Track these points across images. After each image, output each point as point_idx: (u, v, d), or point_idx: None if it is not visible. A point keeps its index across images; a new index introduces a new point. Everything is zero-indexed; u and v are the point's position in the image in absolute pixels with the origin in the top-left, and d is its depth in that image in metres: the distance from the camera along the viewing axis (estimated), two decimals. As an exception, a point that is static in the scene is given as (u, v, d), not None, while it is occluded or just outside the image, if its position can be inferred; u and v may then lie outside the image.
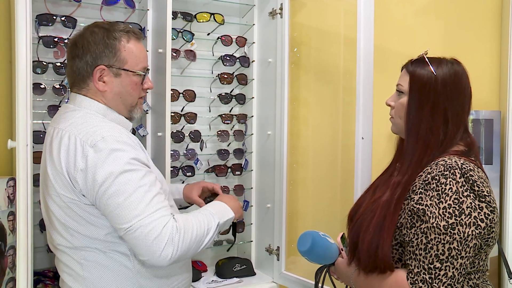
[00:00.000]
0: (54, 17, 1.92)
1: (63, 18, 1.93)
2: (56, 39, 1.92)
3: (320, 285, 1.48)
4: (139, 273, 1.41)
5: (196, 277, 2.18)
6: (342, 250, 1.44)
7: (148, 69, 1.53)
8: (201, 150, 2.31)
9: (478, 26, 2.33)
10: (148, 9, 2.07)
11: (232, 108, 2.40)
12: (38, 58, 1.89)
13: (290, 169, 2.24)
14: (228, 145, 2.39)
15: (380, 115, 1.66)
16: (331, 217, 2.14)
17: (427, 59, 1.35)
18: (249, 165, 2.41)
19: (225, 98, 2.35)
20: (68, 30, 1.95)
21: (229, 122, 2.36)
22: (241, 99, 2.39)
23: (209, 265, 2.34)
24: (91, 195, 1.31)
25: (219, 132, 2.34)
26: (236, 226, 1.78)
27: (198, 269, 2.24)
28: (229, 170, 2.37)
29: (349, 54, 1.93)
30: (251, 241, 2.41)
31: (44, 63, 1.90)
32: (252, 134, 2.41)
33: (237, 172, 2.39)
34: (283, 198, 2.19)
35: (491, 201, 1.21)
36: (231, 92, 2.38)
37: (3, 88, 1.87)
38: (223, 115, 2.35)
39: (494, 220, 1.21)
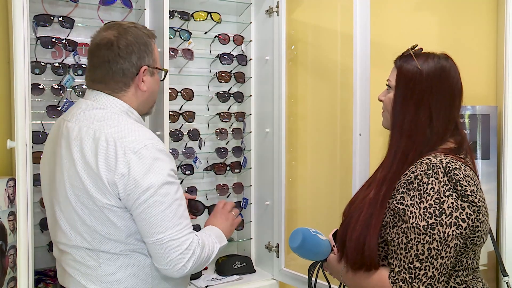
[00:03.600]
0: (52, 18, 1.92)
1: (60, 19, 1.94)
2: (53, 40, 1.92)
3: (313, 279, 1.49)
4: (157, 272, 1.42)
5: (196, 275, 2.19)
6: (334, 247, 1.45)
7: None
8: (200, 148, 2.32)
9: (474, 21, 2.34)
10: (145, 9, 2.08)
11: (230, 106, 2.40)
12: (36, 58, 1.90)
13: (289, 166, 2.25)
14: (226, 143, 2.40)
15: (377, 111, 1.66)
16: (329, 213, 2.15)
17: (413, 54, 1.34)
18: (248, 163, 2.42)
19: (223, 97, 2.35)
20: (66, 31, 1.96)
21: (228, 120, 2.37)
22: (239, 97, 2.40)
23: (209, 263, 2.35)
24: (129, 200, 1.31)
25: (218, 130, 2.35)
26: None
27: (198, 267, 2.25)
28: (228, 168, 2.37)
29: (346, 51, 1.94)
30: (251, 238, 2.42)
31: (42, 64, 1.91)
32: (250, 132, 2.42)
33: (236, 170, 2.40)
34: (282, 195, 2.20)
35: (475, 200, 1.19)
36: (229, 90, 2.38)
37: (2, 89, 1.87)
38: (222, 113, 2.36)
39: (480, 219, 1.20)
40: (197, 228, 1.58)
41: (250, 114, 2.41)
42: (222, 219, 1.63)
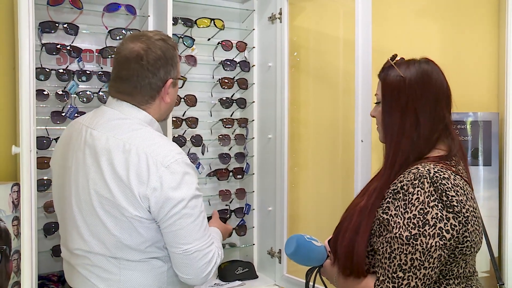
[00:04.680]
0: (57, 25, 1.94)
1: (65, 25, 1.96)
2: (58, 46, 1.94)
3: (311, 283, 1.49)
4: (172, 278, 1.45)
5: (198, 280, 2.19)
6: (331, 252, 1.46)
7: None
8: (203, 154, 2.33)
9: (476, 28, 2.35)
10: (149, 16, 2.09)
11: (233, 112, 2.42)
12: (41, 64, 1.91)
13: (291, 172, 2.25)
14: (229, 149, 2.41)
15: (379, 117, 1.68)
16: (331, 219, 2.15)
17: (393, 64, 1.34)
18: (251, 169, 2.43)
19: (226, 103, 2.37)
20: (70, 37, 1.97)
21: (230, 126, 2.38)
22: (242, 103, 2.41)
23: (211, 268, 2.35)
24: (160, 213, 1.34)
25: (221, 136, 2.35)
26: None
27: (200, 272, 2.26)
28: (231, 173, 2.38)
29: (348, 57, 1.95)
30: (253, 244, 2.42)
31: (47, 70, 1.93)
32: (253, 138, 2.43)
33: (238, 176, 2.40)
34: (284, 201, 2.21)
35: (463, 211, 1.18)
36: (232, 96, 2.40)
37: (7, 94, 1.89)
38: (224, 120, 2.37)
39: (468, 230, 1.18)
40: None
41: (253, 120, 2.42)
42: (220, 224, 1.75)
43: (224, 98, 2.36)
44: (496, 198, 2.11)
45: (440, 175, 1.20)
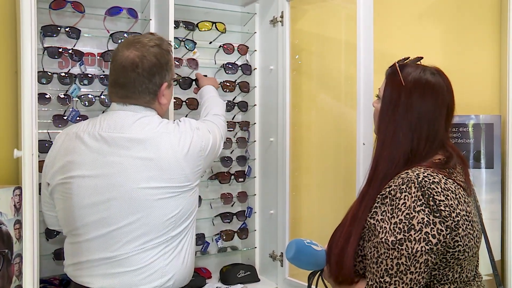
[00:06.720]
0: (59, 28, 1.95)
1: (67, 29, 1.96)
2: (60, 50, 1.94)
3: (313, 287, 1.49)
4: (190, 258, 1.60)
5: (200, 284, 2.19)
6: None
7: None
8: (204, 157, 2.32)
9: (478, 31, 2.35)
10: (150, 19, 2.10)
11: (234, 115, 2.42)
12: (43, 68, 1.92)
13: (293, 175, 2.25)
14: (231, 152, 2.41)
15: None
16: (334, 223, 2.15)
17: (397, 67, 1.31)
18: (252, 172, 2.43)
19: (227, 106, 2.36)
20: (72, 41, 1.98)
21: (232, 129, 2.38)
22: (244, 106, 2.41)
23: (213, 272, 2.35)
24: (209, 158, 1.62)
25: (222, 139, 2.35)
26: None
27: (202, 276, 2.25)
28: (233, 177, 2.38)
29: (349, 60, 1.96)
30: (255, 247, 2.42)
31: (49, 73, 1.93)
32: (255, 141, 2.42)
33: (240, 179, 2.40)
34: (286, 204, 2.20)
35: (452, 215, 1.16)
36: (233, 99, 2.40)
37: (10, 98, 1.89)
38: (226, 123, 2.36)
39: (459, 234, 1.17)
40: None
41: (255, 123, 2.42)
42: (210, 80, 2.07)
43: (226, 101, 2.36)
44: (498, 201, 2.10)
45: (430, 179, 1.18)
